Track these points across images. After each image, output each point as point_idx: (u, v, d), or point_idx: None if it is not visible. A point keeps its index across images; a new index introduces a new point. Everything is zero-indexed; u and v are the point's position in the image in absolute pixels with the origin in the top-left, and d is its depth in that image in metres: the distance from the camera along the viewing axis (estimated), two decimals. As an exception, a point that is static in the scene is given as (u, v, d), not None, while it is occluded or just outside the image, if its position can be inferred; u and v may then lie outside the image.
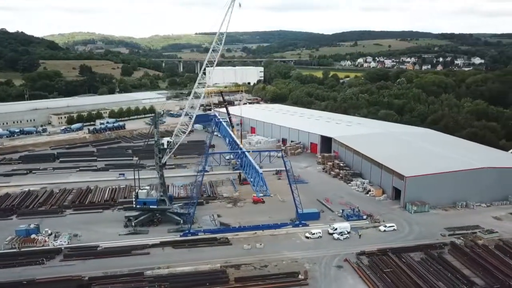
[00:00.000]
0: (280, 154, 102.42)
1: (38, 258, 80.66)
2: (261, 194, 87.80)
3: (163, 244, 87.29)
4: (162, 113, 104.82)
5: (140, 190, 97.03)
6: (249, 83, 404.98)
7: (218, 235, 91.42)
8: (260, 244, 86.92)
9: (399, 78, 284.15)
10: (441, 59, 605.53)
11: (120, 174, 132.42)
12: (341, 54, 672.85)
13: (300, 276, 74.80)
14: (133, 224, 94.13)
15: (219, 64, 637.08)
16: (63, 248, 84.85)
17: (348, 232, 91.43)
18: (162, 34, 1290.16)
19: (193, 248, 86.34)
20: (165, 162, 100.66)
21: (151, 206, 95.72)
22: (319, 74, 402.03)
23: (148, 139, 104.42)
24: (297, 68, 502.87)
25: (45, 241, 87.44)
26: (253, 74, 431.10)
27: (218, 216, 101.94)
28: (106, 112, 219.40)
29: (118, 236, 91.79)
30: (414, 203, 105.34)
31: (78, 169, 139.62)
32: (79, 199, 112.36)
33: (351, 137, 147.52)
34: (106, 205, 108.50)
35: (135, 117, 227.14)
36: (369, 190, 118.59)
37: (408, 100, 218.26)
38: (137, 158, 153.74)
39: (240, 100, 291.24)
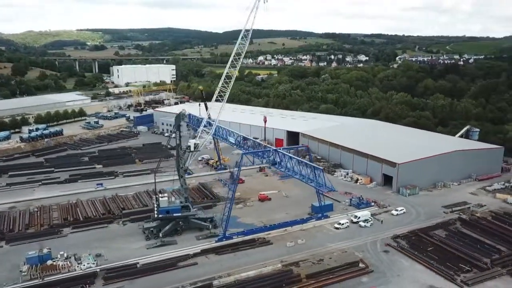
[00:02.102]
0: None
1: (76, 286, 70.23)
2: (327, 191, 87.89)
3: (204, 252, 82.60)
4: (185, 113, 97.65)
5: (161, 198, 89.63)
6: (161, 81, 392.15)
7: (251, 236, 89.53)
8: (302, 240, 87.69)
9: (319, 75, 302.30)
10: (333, 57, 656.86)
11: (97, 185, 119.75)
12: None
13: (361, 265, 77.88)
14: (160, 235, 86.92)
15: (119, 62, 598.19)
16: (98, 270, 74.85)
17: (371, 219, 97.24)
18: (37, 30, 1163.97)
19: (237, 252, 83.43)
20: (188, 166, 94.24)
21: (175, 214, 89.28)
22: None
23: (169, 140, 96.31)
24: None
25: (70, 265, 76.16)
26: (165, 73, 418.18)
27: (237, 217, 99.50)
28: (31, 117, 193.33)
29: (146, 250, 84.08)
30: (407, 187, 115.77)
31: (40, 183, 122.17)
32: (70, 215, 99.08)
33: (319, 131, 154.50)
34: (108, 219, 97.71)
35: (64, 121, 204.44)
36: (357, 179, 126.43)
37: (340, 95, 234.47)
38: (100, 165, 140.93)
39: (168, 99, 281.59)
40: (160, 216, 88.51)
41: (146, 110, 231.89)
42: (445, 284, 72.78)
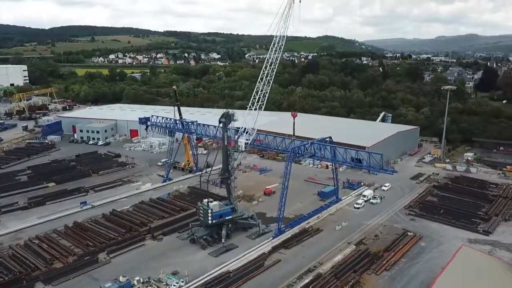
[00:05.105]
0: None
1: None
2: (391, 173, 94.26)
3: (275, 249, 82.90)
4: (234, 112, 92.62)
5: (212, 204, 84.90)
6: (12, 84, 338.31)
7: (297, 227, 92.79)
8: (345, 222, 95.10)
9: (207, 73, 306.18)
10: (187, 55, 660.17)
11: (82, 203, 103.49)
12: (88, 50, 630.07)
13: (410, 233, 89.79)
14: (223, 240, 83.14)
15: None
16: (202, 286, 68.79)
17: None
18: None
19: (303, 243, 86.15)
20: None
21: (227, 218, 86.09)
22: (104, 71, 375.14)
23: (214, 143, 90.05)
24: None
25: (161, 290, 67.84)
26: (16, 74, 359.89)
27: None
28: None
29: (215, 258, 79.73)
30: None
31: (0, 212, 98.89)
32: (90, 240, 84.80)
33: (269, 125, 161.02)
34: (138, 237, 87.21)
35: None
36: (327, 165, 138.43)
37: (246, 91, 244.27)
38: (52, 183, 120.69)
39: (49, 104, 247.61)
40: (215, 221, 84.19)
41: (40, 118, 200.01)
42: (474, 235, 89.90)
